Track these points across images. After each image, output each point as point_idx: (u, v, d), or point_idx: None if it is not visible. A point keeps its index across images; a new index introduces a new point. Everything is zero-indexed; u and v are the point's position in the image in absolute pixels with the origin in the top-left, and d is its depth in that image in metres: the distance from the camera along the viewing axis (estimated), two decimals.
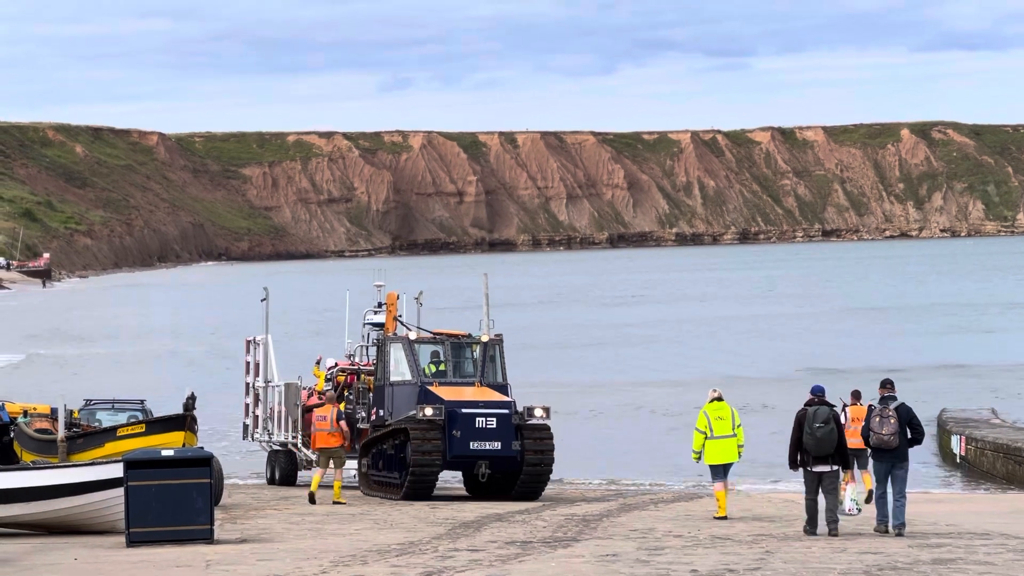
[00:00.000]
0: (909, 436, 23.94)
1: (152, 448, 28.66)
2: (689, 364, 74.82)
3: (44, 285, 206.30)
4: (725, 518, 27.03)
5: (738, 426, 26.64)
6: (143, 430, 35.90)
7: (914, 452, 44.44)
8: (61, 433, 35.39)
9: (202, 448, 27.63)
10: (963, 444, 40.85)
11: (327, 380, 38.64)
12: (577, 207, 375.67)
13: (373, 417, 35.37)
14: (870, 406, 24.53)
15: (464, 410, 32.68)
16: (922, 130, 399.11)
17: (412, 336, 34.74)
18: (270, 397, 39.23)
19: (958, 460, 41.19)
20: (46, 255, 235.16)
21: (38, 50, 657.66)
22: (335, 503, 31.52)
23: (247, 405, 40.38)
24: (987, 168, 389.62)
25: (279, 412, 38.71)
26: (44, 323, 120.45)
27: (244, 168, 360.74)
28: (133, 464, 23.82)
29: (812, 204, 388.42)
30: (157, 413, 39.34)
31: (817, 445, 23.76)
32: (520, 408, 33.16)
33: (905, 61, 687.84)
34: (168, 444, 32.75)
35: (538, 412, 33.00)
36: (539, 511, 29.55)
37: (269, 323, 39.00)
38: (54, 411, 38.37)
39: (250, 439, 40.54)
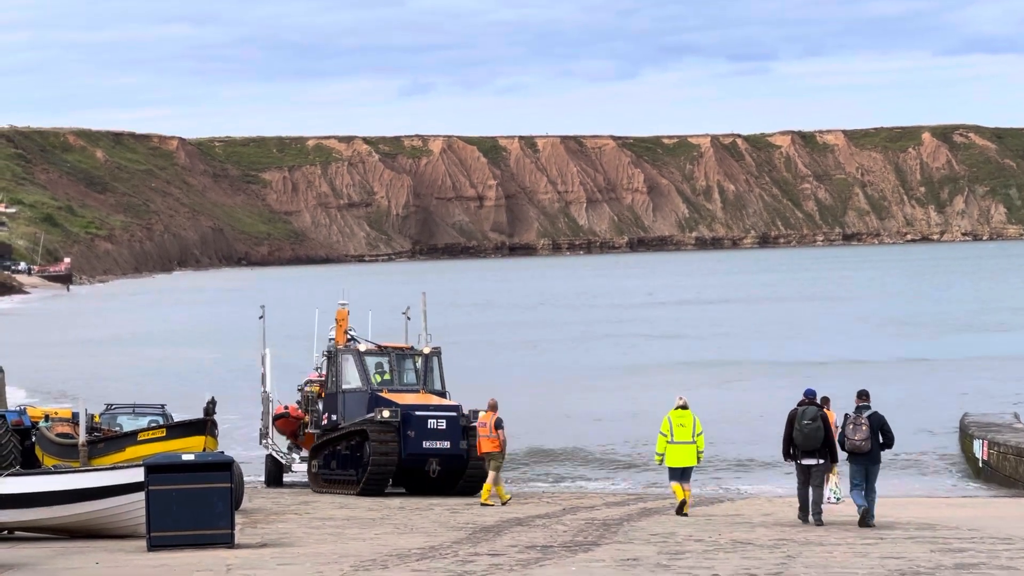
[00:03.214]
0: (881, 441, 26.39)
1: (173, 452, 28.72)
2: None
3: (68, 289, 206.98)
4: (684, 509, 28.96)
5: (699, 434, 28.81)
6: (164, 434, 36.02)
7: (937, 455, 44.61)
8: (82, 437, 35.45)
9: (222, 452, 27.66)
10: (985, 448, 40.73)
11: (299, 390, 41.56)
12: (597, 211, 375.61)
13: (325, 422, 38.42)
14: (846, 415, 26.76)
15: (418, 413, 35.88)
16: (943, 133, 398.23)
17: (361, 348, 38.16)
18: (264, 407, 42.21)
19: (980, 464, 41.08)
20: (67, 260, 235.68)
21: (60, 56, 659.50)
22: (503, 503, 32.66)
23: (262, 414, 42.51)
24: (1009, 171, 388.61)
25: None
26: (75, 328, 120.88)
27: (264, 173, 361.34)
28: (154, 468, 23.84)
29: (833, 208, 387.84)
30: (177, 418, 39.49)
31: (805, 440, 26.61)
32: (466, 411, 36.13)
33: (927, 65, 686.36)
34: (189, 449, 32.84)
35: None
36: (559, 515, 29.53)
37: (268, 337, 41.56)
38: (75, 415, 38.49)
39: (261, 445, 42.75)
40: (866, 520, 26.42)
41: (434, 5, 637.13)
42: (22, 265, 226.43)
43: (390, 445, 35.65)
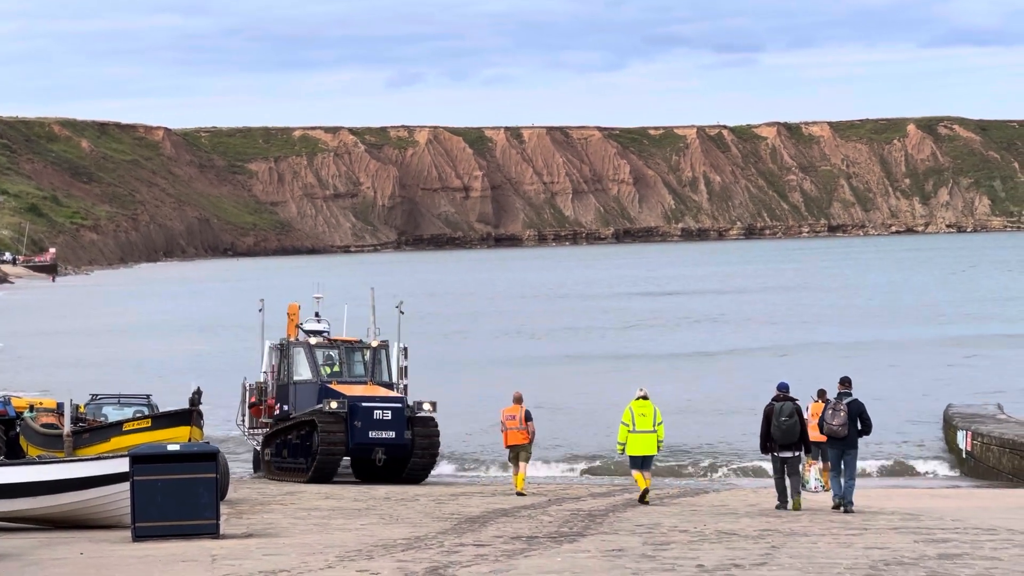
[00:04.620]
0: (860, 428, 27.35)
1: (158, 443, 28.69)
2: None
3: (54, 280, 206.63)
4: (645, 497, 29.63)
5: (659, 423, 29.51)
6: (149, 425, 36.01)
7: (920, 445, 44.74)
8: (67, 428, 35.41)
9: (208, 443, 27.64)
10: (969, 439, 40.83)
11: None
12: (583, 202, 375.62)
13: (277, 412, 40.03)
14: (826, 400, 28.41)
15: (364, 404, 37.39)
16: (928, 125, 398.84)
17: (312, 341, 39.79)
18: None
19: (964, 455, 41.19)
20: (52, 250, 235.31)
21: (49, 46, 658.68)
22: (518, 493, 32.84)
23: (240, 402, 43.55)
24: (993, 163, 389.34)
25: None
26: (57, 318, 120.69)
27: (250, 163, 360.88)
28: (139, 459, 23.79)
29: (818, 199, 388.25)
30: (163, 408, 39.47)
31: (783, 435, 27.69)
32: (411, 403, 38.17)
33: (913, 57, 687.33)
34: (174, 439, 32.82)
35: (426, 406, 38.03)
36: (545, 506, 29.57)
37: (266, 331, 42.35)
38: (60, 406, 38.49)
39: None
40: (844, 507, 27.21)
41: None
42: (7, 255, 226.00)
43: (338, 435, 37.17)
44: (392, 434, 37.42)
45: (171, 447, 24.35)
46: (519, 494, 32.78)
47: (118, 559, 21.94)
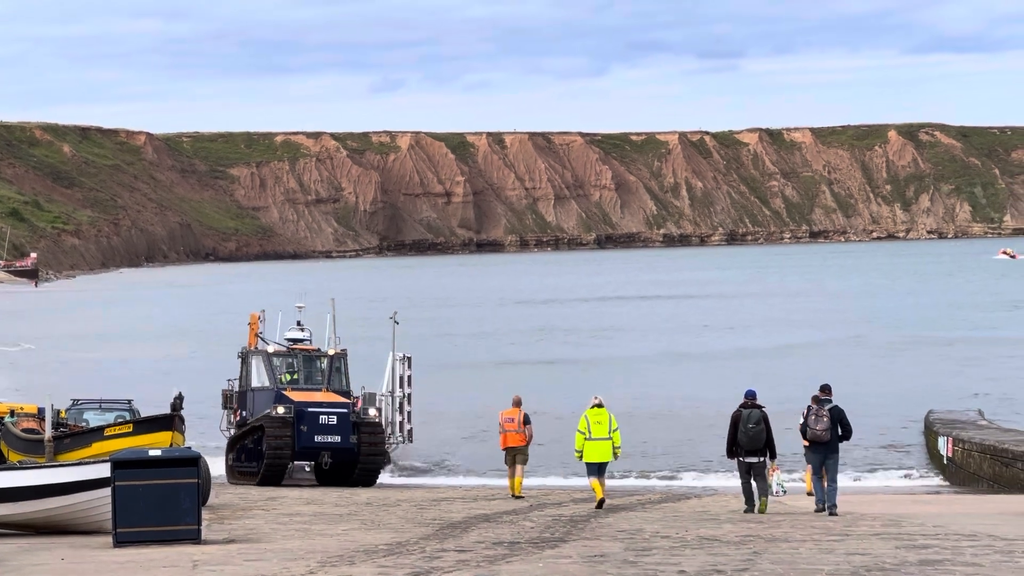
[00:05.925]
0: (840, 433, 28.18)
1: (139, 448, 28.61)
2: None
3: (36, 285, 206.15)
4: (604, 501, 29.96)
5: (614, 430, 29.88)
6: (130, 430, 35.96)
7: (902, 451, 44.76)
8: (48, 433, 35.36)
9: (189, 448, 27.59)
10: (950, 445, 40.92)
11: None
12: (565, 208, 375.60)
13: (236, 418, 41.62)
14: (808, 407, 28.74)
15: (310, 409, 38.86)
16: (909, 132, 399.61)
17: (270, 350, 41.10)
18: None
19: (945, 461, 41.28)
20: (33, 255, 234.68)
21: (31, 50, 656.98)
22: (515, 497, 33.06)
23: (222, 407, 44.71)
24: (974, 170, 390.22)
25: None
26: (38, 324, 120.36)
27: (232, 168, 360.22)
28: (120, 464, 23.72)
29: (799, 205, 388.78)
30: (144, 413, 39.42)
31: (750, 441, 28.38)
32: (356, 408, 39.39)
33: (894, 63, 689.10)
34: (155, 444, 32.77)
35: (371, 412, 39.36)
36: (527, 512, 29.57)
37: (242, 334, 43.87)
38: (41, 411, 38.39)
39: None
40: (828, 510, 27.79)
41: (406, 1, 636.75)
42: None
43: (284, 439, 38.30)
44: (337, 439, 38.46)
45: (153, 452, 24.30)
46: (517, 497, 32.93)
47: (99, 564, 21.89)
